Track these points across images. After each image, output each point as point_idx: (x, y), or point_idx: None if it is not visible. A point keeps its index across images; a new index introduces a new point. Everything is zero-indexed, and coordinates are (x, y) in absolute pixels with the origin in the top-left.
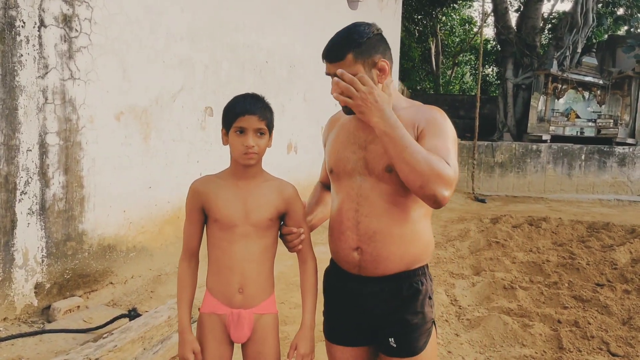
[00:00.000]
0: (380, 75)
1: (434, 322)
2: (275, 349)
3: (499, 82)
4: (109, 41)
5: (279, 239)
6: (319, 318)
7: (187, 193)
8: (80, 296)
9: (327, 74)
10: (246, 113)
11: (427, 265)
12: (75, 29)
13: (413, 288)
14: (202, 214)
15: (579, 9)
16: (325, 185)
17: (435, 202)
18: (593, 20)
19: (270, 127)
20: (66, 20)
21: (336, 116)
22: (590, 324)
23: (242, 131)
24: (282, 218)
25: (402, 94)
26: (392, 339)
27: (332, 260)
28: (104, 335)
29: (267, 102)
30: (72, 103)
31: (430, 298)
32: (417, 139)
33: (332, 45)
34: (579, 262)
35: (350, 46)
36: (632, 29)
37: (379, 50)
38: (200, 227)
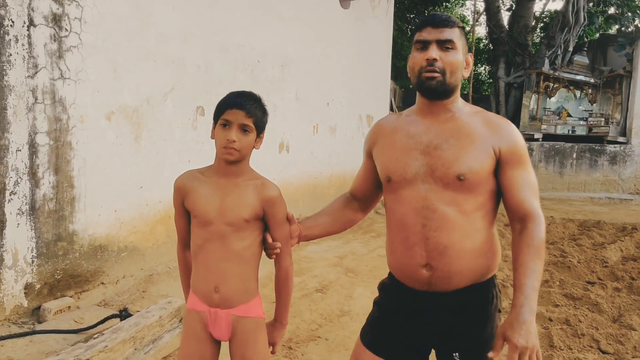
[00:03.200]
0: (466, 68)
1: None
2: (258, 354)
3: (491, 80)
4: (100, 40)
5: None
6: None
7: (173, 188)
8: (71, 296)
9: (422, 40)
10: (234, 107)
11: (495, 275)
12: (65, 28)
13: (484, 300)
14: (186, 209)
15: (570, 8)
16: (355, 197)
17: None
18: (584, 19)
19: (258, 126)
20: (56, 20)
21: (384, 120)
22: (581, 321)
23: (226, 124)
24: (264, 219)
25: (395, 93)
26: (457, 354)
27: (391, 275)
28: (95, 336)
29: (263, 102)
30: (62, 103)
31: (499, 311)
32: (498, 161)
33: (442, 15)
34: (570, 260)
35: (459, 23)
36: (623, 28)
37: (467, 46)
38: (188, 219)
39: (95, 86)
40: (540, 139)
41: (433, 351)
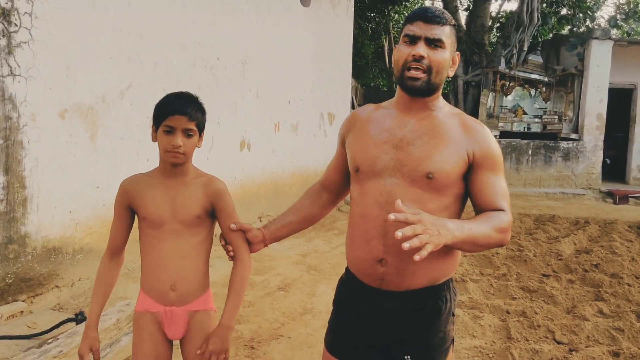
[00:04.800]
0: (452, 66)
1: (453, 339)
2: None
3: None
4: (52, 36)
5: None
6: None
7: (117, 191)
8: (23, 301)
9: (411, 35)
10: (176, 113)
11: (452, 278)
12: (15, 23)
13: (437, 305)
14: (129, 213)
15: (524, 9)
16: (325, 188)
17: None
18: (538, 20)
19: (200, 127)
20: (4, 14)
21: (360, 109)
22: (537, 313)
23: (170, 130)
24: (214, 214)
25: (357, 91)
26: (408, 356)
27: (348, 270)
28: (49, 341)
29: (200, 102)
30: (12, 100)
31: (453, 315)
32: (470, 165)
33: (436, 11)
34: (526, 254)
35: (451, 21)
36: (574, 28)
37: (456, 44)
38: (127, 225)
39: (47, 83)
40: (498, 136)
41: None
